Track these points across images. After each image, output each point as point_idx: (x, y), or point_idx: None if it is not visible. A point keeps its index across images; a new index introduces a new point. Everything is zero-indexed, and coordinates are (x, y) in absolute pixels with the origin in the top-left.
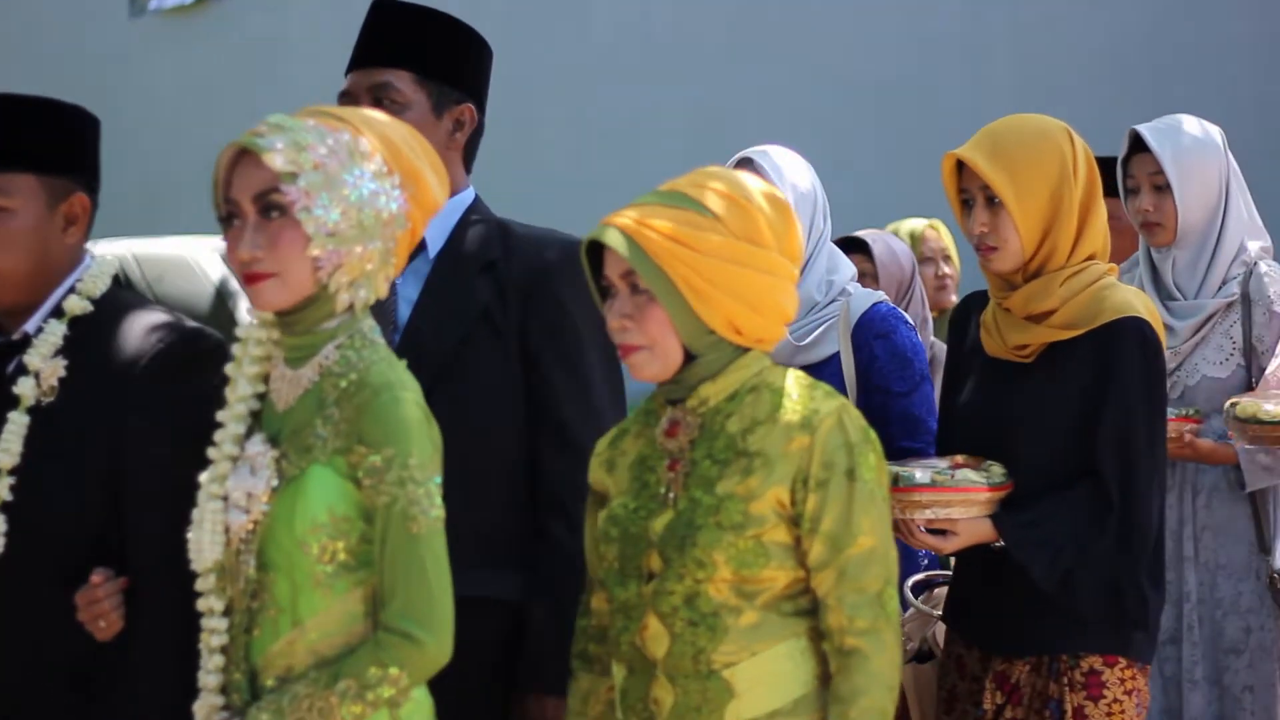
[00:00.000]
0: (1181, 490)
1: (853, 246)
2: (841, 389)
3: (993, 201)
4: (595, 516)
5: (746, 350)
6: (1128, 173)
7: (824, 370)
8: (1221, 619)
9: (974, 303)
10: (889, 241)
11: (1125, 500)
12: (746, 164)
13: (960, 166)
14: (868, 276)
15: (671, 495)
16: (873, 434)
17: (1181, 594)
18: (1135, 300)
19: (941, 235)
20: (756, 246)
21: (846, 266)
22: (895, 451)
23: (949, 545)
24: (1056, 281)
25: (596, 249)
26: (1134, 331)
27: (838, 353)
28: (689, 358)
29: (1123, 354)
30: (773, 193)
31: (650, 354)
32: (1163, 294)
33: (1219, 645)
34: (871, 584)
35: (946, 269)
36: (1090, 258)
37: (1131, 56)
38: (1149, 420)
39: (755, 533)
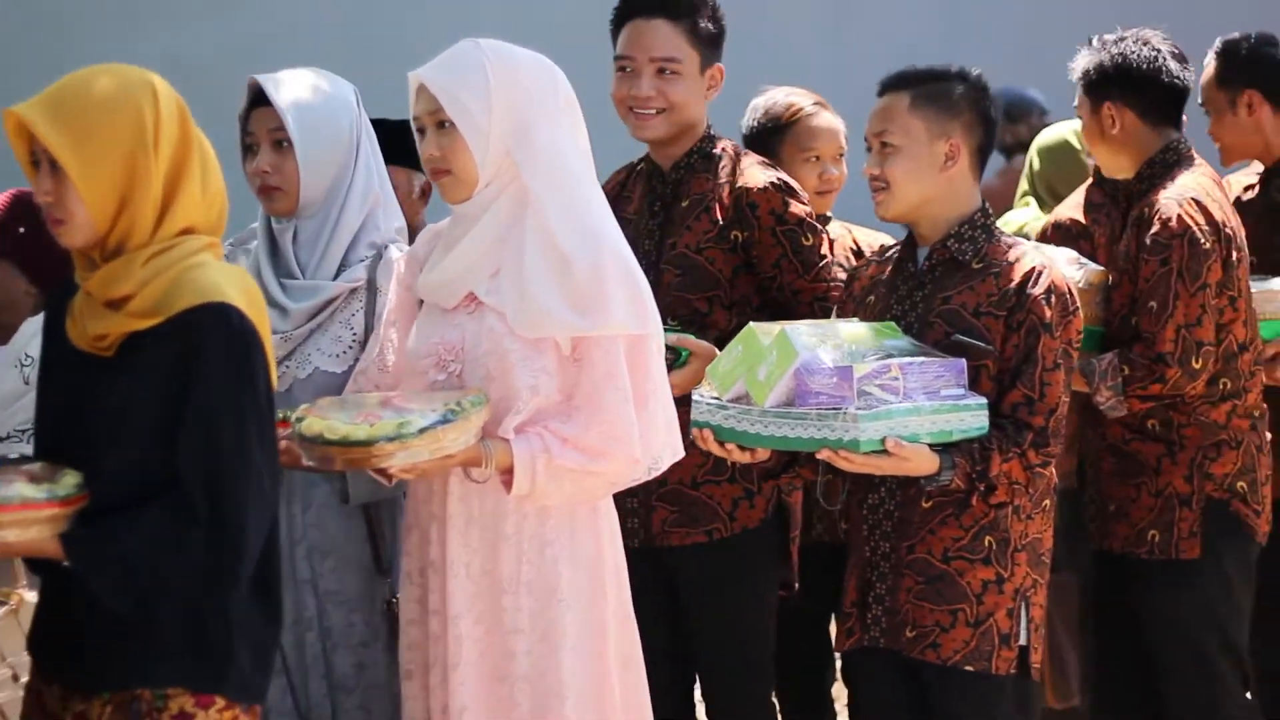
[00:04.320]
0: (290, 503)
1: None
2: None
3: (57, 167)
4: None
5: None
6: (246, 129)
7: None
8: (331, 651)
9: (75, 286)
10: None
11: (214, 513)
12: None
13: None
14: None
15: None
16: None
17: (302, 620)
18: (225, 282)
19: None
20: None
21: None
22: None
23: None
24: (138, 262)
25: None
26: (217, 318)
27: None
28: None
29: (205, 345)
30: None
31: None
32: (280, 270)
33: (331, 681)
34: None
35: None
36: (187, 231)
37: None
38: (239, 420)
39: None
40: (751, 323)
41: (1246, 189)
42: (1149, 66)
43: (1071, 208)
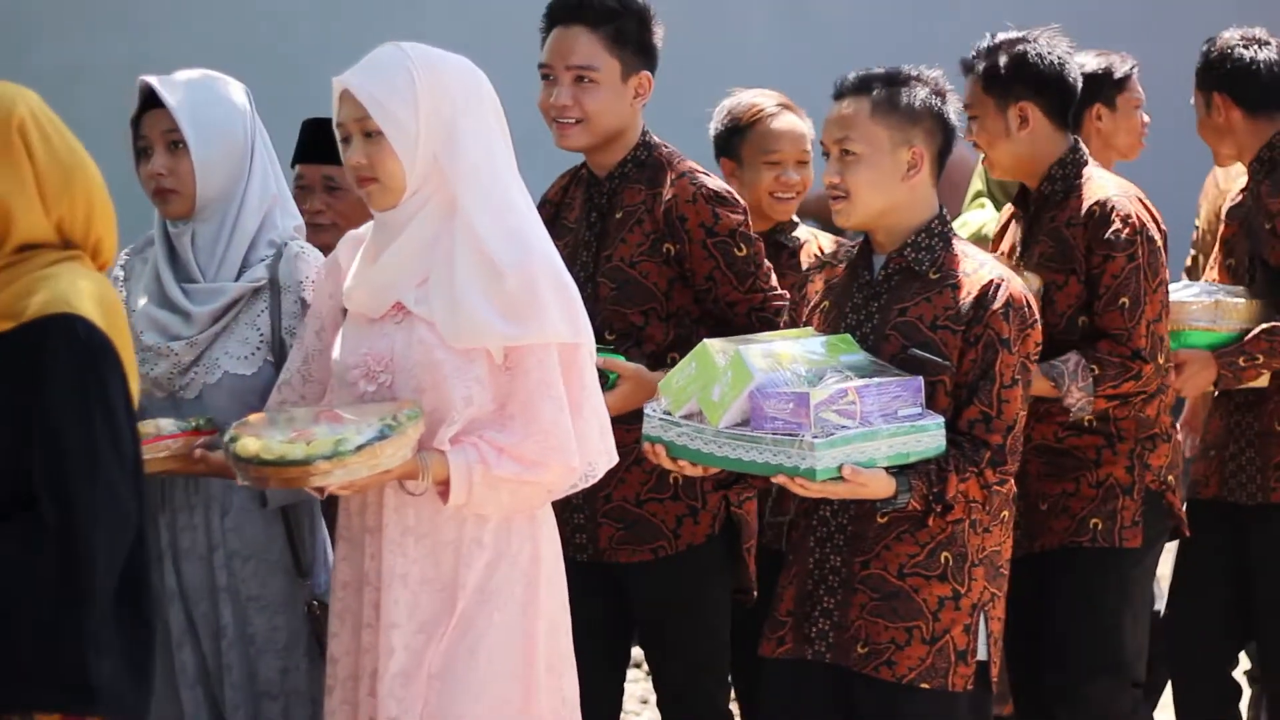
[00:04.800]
0: (208, 509)
1: None
2: None
3: None
4: None
5: None
6: (139, 133)
7: None
8: (256, 658)
9: None
10: None
11: (63, 529)
12: None
13: None
14: None
15: None
16: None
17: (218, 628)
18: (75, 293)
19: None
20: None
21: None
22: None
23: None
24: None
25: None
26: (61, 330)
27: None
28: None
29: (49, 358)
30: None
31: None
32: (181, 275)
33: (254, 688)
34: None
35: None
36: (29, 247)
37: None
38: (86, 433)
39: None
40: (706, 339)
41: (1242, 190)
42: (1060, 68)
43: None
